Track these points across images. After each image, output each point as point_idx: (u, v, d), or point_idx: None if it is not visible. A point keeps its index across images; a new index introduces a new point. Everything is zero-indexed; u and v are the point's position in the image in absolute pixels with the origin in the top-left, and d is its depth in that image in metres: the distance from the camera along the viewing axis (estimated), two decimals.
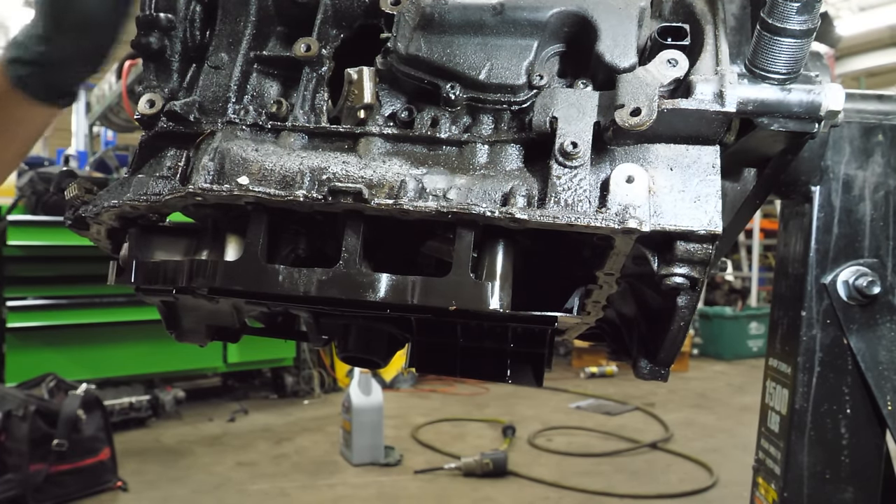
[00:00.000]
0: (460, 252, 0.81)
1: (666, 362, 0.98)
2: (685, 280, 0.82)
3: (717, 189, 0.81)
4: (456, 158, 0.87)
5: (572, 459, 5.65)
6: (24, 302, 5.43)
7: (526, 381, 0.95)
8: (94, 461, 4.52)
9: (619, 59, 0.85)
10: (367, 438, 5.40)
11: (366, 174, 0.85)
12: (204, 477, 5.09)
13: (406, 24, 0.91)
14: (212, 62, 0.97)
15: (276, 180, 0.85)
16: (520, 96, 0.87)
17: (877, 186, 1.24)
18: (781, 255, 1.37)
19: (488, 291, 0.81)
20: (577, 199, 0.79)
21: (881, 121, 1.23)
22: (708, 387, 8.43)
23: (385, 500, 4.83)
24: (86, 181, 0.98)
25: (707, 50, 0.86)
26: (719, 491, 5.00)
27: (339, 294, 0.84)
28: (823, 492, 1.25)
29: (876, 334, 1.23)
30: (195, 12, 1.01)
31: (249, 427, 6.21)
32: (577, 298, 0.97)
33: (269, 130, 0.93)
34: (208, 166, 0.87)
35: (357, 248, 0.84)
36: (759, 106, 0.85)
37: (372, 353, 1.05)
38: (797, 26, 0.81)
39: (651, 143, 0.83)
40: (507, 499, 4.85)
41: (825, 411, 1.25)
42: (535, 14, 0.89)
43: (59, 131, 13.09)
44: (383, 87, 0.94)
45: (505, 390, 7.63)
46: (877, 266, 1.23)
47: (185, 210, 0.92)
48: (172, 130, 0.93)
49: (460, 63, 0.89)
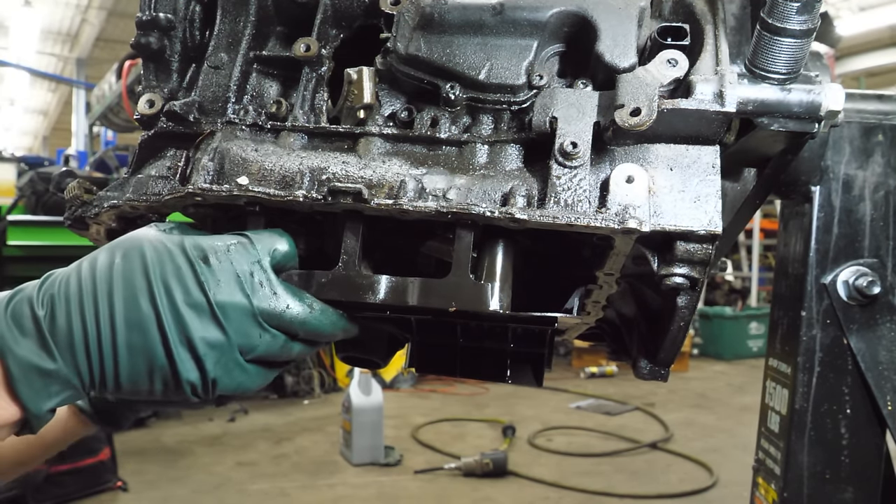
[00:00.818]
0: (460, 253, 0.81)
1: (666, 362, 0.98)
2: (685, 280, 0.82)
3: (717, 189, 0.81)
4: (456, 158, 0.87)
5: (572, 459, 5.66)
6: None
7: (526, 381, 0.95)
8: (93, 461, 4.52)
9: (619, 59, 0.85)
10: (367, 438, 5.41)
11: (365, 174, 0.85)
12: (204, 477, 5.09)
13: (406, 23, 0.91)
14: (211, 62, 0.97)
15: (276, 180, 0.85)
16: (519, 96, 0.87)
17: (877, 186, 1.24)
18: (781, 255, 1.37)
19: (488, 293, 0.81)
20: (576, 199, 0.78)
21: (881, 121, 1.23)
22: (708, 387, 8.44)
23: (385, 500, 4.83)
24: (85, 181, 0.97)
25: (707, 50, 0.86)
26: (719, 491, 5.00)
27: (339, 296, 0.84)
28: (823, 492, 1.25)
29: (876, 334, 1.23)
30: (195, 12, 1.01)
31: (249, 427, 6.22)
32: (577, 298, 0.97)
33: (269, 130, 0.93)
34: (208, 166, 0.86)
35: (356, 249, 0.84)
36: (759, 106, 0.85)
37: (371, 353, 1.05)
38: (797, 26, 0.81)
39: (651, 143, 0.83)
40: (507, 499, 4.85)
41: (825, 411, 1.25)
42: (534, 14, 0.88)
43: (59, 131, 13.10)
44: (383, 87, 0.94)
45: (505, 390, 7.63)
46: (877, 266, 1.23)
47: (184, 210, 0.92)
48: (172, 130, 0.93)
49: (460, 63, 0.89)
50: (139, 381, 0.78)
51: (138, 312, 0.76)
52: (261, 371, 0.84)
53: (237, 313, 0.78)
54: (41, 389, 0.75)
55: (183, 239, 0.79)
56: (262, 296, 0.79)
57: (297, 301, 0.82)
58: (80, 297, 0.76)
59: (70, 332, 0.75)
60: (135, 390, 0.79)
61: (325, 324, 0.84)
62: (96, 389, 0.78)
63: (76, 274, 0.78)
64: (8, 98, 20.98)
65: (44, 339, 0.75)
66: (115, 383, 0.77)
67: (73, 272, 0.79)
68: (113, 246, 0.80)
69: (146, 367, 0.77)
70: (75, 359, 0.75)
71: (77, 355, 0.75)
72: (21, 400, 0.74)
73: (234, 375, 0.80)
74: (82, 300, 0.76)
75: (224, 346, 0.78)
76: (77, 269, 0.79)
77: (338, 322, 0.86)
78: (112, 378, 0.77)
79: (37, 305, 0.76)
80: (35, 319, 0.75)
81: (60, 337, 0.75)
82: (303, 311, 0.82)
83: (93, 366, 0.76)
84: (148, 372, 0.77)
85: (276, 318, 0.80)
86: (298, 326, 0.82)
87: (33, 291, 0.77)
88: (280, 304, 0.80)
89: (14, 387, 0.74)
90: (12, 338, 0.74)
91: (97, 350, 0.76)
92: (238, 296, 0.78)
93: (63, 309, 0.76)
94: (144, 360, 0.77)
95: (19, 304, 0.76)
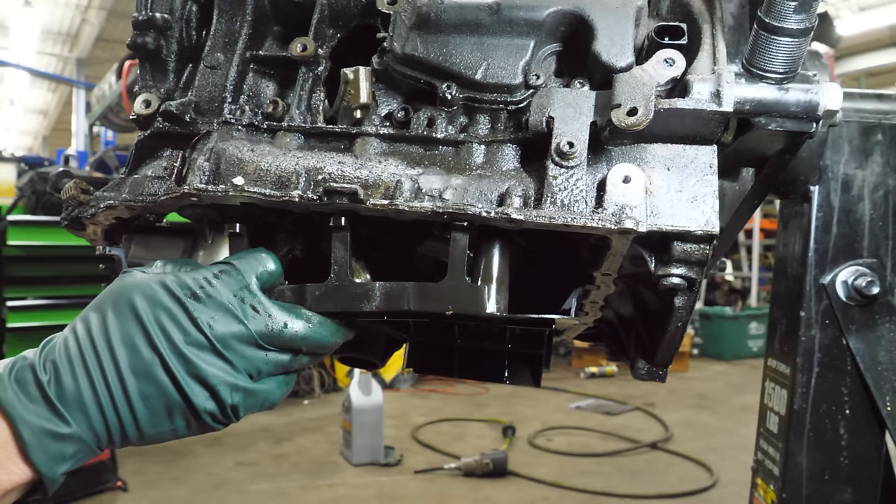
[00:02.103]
0: (455, 256, 0.81)
1: (664, 363, 0.98)
2: (682, 280, 0.82)
3: (714, 189, 0.80)
4: (452, 158, 0.87)
5: (572, 459, 5.65)
6: (24, 302, 5.43)
7: (524, 381, 0.94)
8: (93, 461, 4.51)
9: (616, 58, 0.84)
10: (367, 438, 5.40)
11: (361, 174, 0.84)
12: (204, 477, 5.09)
13: (402, 23, 0.90)
14: (208, 62, 0.97)
15: (272, 180, 0.85)
16: (516, 96, 0.87)
17: (876, 186, 1.23)
18: (780, 255, 1.37)
19: (485, 295, 0.81)
20: (573, 199, 0.78)
21: (880, 120, 1.23)
22: (708, 387, 8.43)
23: (385, 500, 4.83)
24: (82, 181, 0.97)
25: (704, 49, 0.86)
26: (719, 491, 5.00)
27: (335, 308, 0.84)
28: (822, 493, 1.25)
29: (875, 335, 1.22)
30: (191, 12, 1.01)
31: (249, 427, 6.21)
32: (575, 299, 0.96)
33: (265, 130, 0.92)
34: (204, 167, 0.86)
35: (346, 259, 0.84)
36: (757, 105, 0.84)
37: (369, 353, 1.05)
38: (795, 25, 0.81)
39: (648, 142, 0.83)
40: (507, 499, 4.85)
41: (824, 412, 1.25)
42: (531, 13, 0.88)
43: (59, 131, 13.11)
44: (379, 87, 0.93)
45: (505, 390, 7.63)
46: (876, 266, 1.23)
47: (180, 210, 0.92)
48: (168, 130, 0.93)
49: (457, 63, 0.88)
50: (160, 424, 0.78)
51: (142, 360, 0.76)
52: (278, 381, 0.85)
53: (237, 342, 0.79)
54: (56, 454, 0.75)
55: (166, 279, 0.79)
56: (258, 320, 0.80)
57: (293, 318, 0.82)
58: (81, 357, 0.77)
59: (79, 393, 0.75)
60: (158, 433, 0.79)
61: (325, 335, 0.85)
62: (117, 442, 0.79)
63: (73, 335, 0.79)
64: (8, 98, 20.97)
65: (52, 405, 0.75)
66: (138, 432, 0.78)
67: (69, 335, 0.79)
68: (101, 301, 0.80)
69: (164, 409, 0.78)
70: (88, 418, 0.76)
71: (90, 414, 0.76)
72: (35, 465, 0.74)
73: (253, 395, 0.81)
74: (85, 359, 0.76)
75: (232, 373, 0.79)
76: (72, 332, 0.79)
77: (337, 331, 0.86)
78: (133, 427, 0.77)
79: (40, 371, 0.76)
80: (39, 385, 0.75)
81: (70, 399, 0.75)
82: (302, 327, 0.82)
83: (108, 421, 0.76)
84: (167, 413, 0.78)
85: (276, 338, 0.81)
86: (300, 342, 0.83)
87: (35, 358, 0.78)
88: (277, 324, 0.81)
89: (28, 453, 0.74)
90: (21, 405, 0.74)
91: (110, 404, 0.76)
92: (235, 325, 0.78)
93: (67, 371, 0.76)
94: (160, 403, 0.77)
95: (21, 371, 0.76)
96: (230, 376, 0.78)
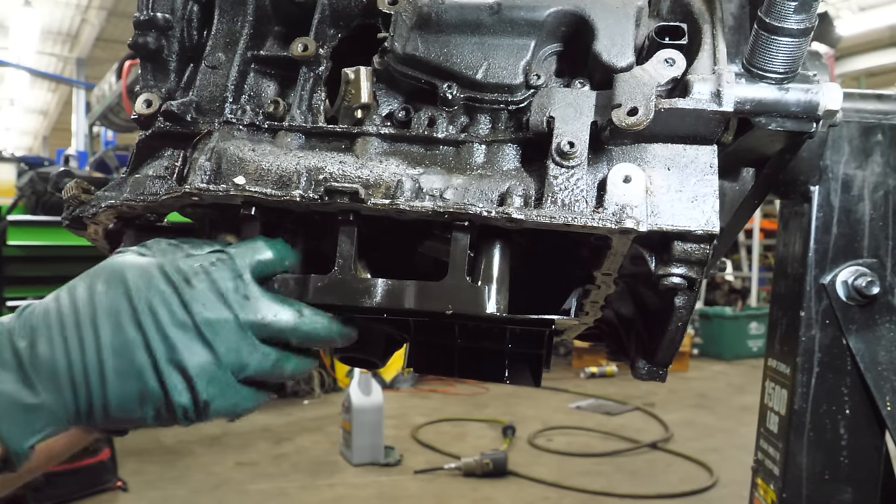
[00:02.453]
0: (456, 255, 0.81)
1: (664, 363, 0.98)
2: (682, 280, 0.82)
3: (714, 189, 0.81)
4: (453, 158, 0.87)
5: (572, 459, 5.65)
6: (24, 302, 5.43)
7: (524, 381, 0.94)
8: (93, 461, 4.52)
9: (617, 58, 0.85)
10: (367, 438, 5.40)
11: (362, 174, 0.84)
12: (203, 477, 5.09)
13: (403, 23, 0.91)
14: (209, 62, 0.97)
15: (273, 180, 0.85)
16: (517, 96, 0.87)
17: (876, 186, 1.23)
18: (780, 255, 1.37)
19: (485, 295, 0.81)
20: (573, 198, 0.78)
21: (880, 120, 1.23)
22: (708, 387, 8.43)
23: (385, 500, 4.83)
24: (83, 181, 0.97)
25: (705, 49, 0.86)
26: (719, 491, 5.00)
27: (335, 300, 0.84)
28: (822, 493, 1.25)
29: (875, 335, 1.22)
30: (192, 12, 1.01)
31: (249, 427, 6.21)
32: (575, 299, 0.97)
33: (266, 130, 0.93)
34: (205, 166, 0.86)
35: (352, 253, 0.84)
36: (757, 105, 0.84)
37: (369, 353, 1.05)
38: (795, 25, 0.81)
39: (648, 142, 0.83)
40: (507, 499, 4.85)
41: (824, 412, 1.25)
42: (532, 13, 0.88)
43: (59, 131, 13.09)
44: (380, 87, 0.94)
45: (505, 390, 7.63)
46: (876, 266, 1.23)
47: (181, 210, 0.92)
48: (169, 130, 0.93)
49: (457, 63, 0.88)
50: (130, 408, 0.75)
51: (125, 337, 0.74)
52: (253, 392, 0.82)
53: (224, 329, 0.77)
54: (24, 425, 0.72)
55: (163, 262, 0.78)
56: (248, 308, 0.78)
57: (284, 308, 0.80)
58: (61, 326, 0.74)
59: (53, 362, 0.73)
60: (125, 418, 0.76)
61: (317, 328, 0.82)
62: (83, 420, 0.75)
63: (55, 303, 0.76)
64: (8, 98, 20.99)
65: (25, 372, 0.72)
66: (104, 412, 0.75)
67: (52, 302, 0.77)
68: (93, 273, 0.78)
69: (137, 392, 0.75)
70: (60, 390, 0.73)
71: (61, 386, 0.73)
72: (2, 438, 0.71)
73: (228, 396, 0.79)
74: (64, 328, 0.74)
75: (214, 365, 0.77)
76: (56, 299, 0.77)
77: (331, 326, 0.84)
78: (101, 407, 0.74)
79: (16, 337, 0.74)
80: (15, 351, 0.73)
81: (43, 368, 0.73)
82: (292, 318, 0.80)
83: (79, 396, 0.74)
84: (139, 397, 0.75)
85: (266, 328, 0.79)
86: (290, 334, 0.81)
87: (12, 323, 0.75)
88: (267, 313, 0.79)
89: None
90: None
91: (83, 379, 0.73)
92: (224, 312, 0.77)
93: (45, 338, 0.73)
94: (135, 386, 0.74)
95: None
96: (210, 368, 0.76)
